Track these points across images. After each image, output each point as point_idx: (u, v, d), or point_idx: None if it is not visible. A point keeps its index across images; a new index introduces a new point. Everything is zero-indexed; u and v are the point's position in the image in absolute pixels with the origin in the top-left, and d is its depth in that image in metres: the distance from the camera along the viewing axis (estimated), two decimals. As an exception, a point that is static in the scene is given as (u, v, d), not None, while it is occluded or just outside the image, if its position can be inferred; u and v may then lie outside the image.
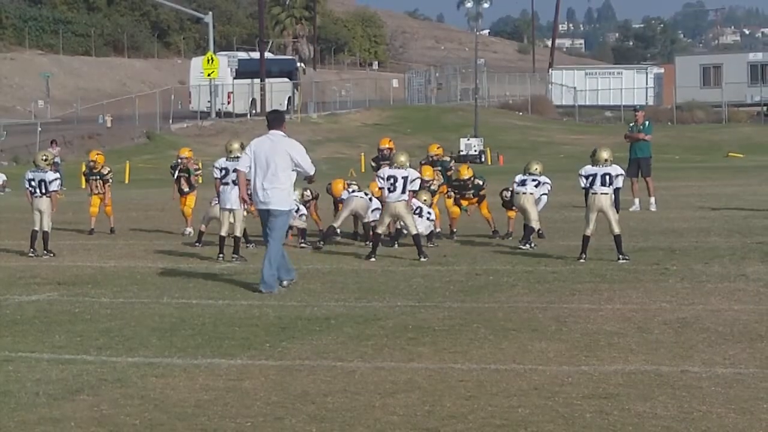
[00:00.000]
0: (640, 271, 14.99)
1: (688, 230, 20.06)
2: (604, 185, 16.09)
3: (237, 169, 14.69)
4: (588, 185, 16.19)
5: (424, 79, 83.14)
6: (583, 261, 16.02)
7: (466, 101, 77.32)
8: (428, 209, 18.32)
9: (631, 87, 79.73)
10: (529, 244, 17.69)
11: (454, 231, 19.72)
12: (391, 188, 16.83)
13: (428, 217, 18.20)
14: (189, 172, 21.38)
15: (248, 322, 11.66)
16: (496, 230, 19.66)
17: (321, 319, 11.77)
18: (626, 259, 15.93)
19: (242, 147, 16.39)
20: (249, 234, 18.25)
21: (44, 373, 9.40)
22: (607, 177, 16.10)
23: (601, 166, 16.22)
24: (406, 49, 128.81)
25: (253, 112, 64.49)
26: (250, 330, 11.24)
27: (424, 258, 16.56)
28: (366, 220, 18.70)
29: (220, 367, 9.55)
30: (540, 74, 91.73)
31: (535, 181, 18.28)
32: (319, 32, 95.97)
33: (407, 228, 17.14)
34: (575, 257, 16.24)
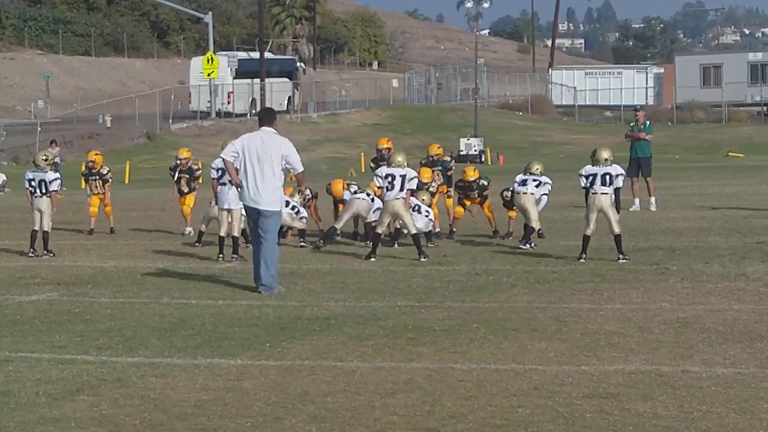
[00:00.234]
0: (640, 271, 14.98)
1: (689, 230, 20.06)
2: (605, 185, 16.09)
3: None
4: (588, 185, 16.19)
5: (424, 79, 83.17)
6: (584, 261, 16.02)
7: (466, 101, 77.33)
8: (426, 208, 18.32)
9: (631, 87, 79.70)
10: (530, 244, 17.69)
11: (454, 231, 19.73)
12: (390, 186, 16.84)
13: (426, 215, 18.21)
14: (190, 173, 21.37)
15: (248, 322, 11.66)
16: (496, 230, 19.67)
17: (321, 319, 11.76)
18: (626, 259, 15.92)
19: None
20: (248, 234, 18.21)
21: (44, 373, 9.40)
22: (608, 177, 16.10)
23: (601, 165, 16.22)
24: (406, 49, 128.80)
25: (253, 112, 64.30)
26: (250, 330, 11.23)
27: (424, 258, 16.56)
28: (368, 220, 18.70)
29: (220, 367, 9.54)
30: (540, 74, 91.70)
31: (535, 181, 18.27)
32: (319, 32, 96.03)
33: (406, 227, 17.14)
34: (575, 257, 16.24)
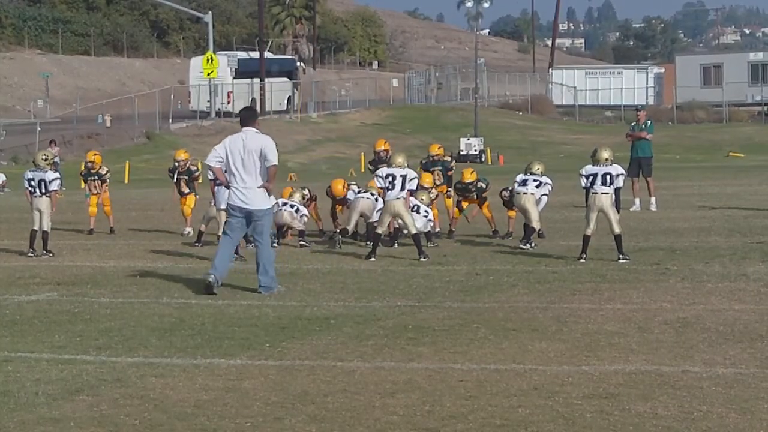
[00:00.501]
0: (640, 271, 14.97)
1: (689, 230, 20.05)
2: (605, 185, 16.09)
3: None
4: (589, 185, 16.19)
5: (424, 78, 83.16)
6: (584, 261, 16.01)
7: (466, 101, 77.33)
8: (425, 208, 18.33)
9: (631, 87, 79.73)
10: (530, 244, 17.68)
11: (453, 231, 19.72)
12: (390, 186, 16.85)
13: (425, 215, 18.20)
14: (189, 174, 21.35)
15: (248, 322, 11.65)
16: (496, 230, 19.66)
17: (321, 319, 11.75)
18: (627, 259, 15.91)
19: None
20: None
21: (44, 373, 9.39)
22: (608, 176, 16.10)
23: (601, 165, 16.22)
24: (406, 48, 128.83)
25: (253, 111, 64.39)
26: (249, 330, 11.22)
27: (424, 258, 16.55)
28: (371, 220, 18.70)
29: (220, 367, 9.53)
30: (540, 74, 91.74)
31: (536, 182, 18.26)
32: (319, 32, 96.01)
33: (406, 227, 17.14)
34: (575, 257, 16.23)
